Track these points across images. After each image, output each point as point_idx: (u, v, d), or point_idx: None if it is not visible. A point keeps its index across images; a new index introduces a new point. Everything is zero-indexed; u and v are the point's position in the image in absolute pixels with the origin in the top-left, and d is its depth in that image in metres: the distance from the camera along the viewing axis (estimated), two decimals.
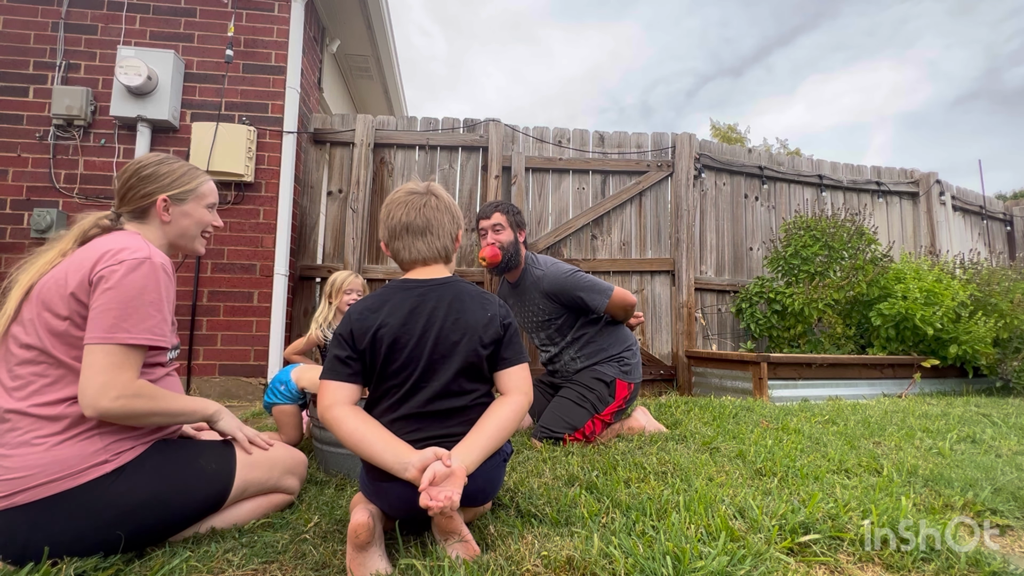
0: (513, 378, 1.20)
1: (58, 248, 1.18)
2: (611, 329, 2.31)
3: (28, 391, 1.06)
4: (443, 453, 1.03)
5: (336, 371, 1.14)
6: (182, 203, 1.31)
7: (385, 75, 5.56)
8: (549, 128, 4.07)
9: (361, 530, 0.99)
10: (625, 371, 2.23)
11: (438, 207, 1.25)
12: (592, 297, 2.18)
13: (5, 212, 3.28)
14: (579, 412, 2.10)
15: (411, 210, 1.22)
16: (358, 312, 1.17)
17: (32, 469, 1.01)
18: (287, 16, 3.59)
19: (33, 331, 1.08)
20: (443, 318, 1.16)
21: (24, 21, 3.39)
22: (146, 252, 1.13)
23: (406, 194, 1.25)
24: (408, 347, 1.14)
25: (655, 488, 1.45)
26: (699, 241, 4.20)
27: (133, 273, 1.09)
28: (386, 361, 1.14)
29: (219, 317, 3.39)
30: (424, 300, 1.17)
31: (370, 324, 1.14)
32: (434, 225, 1.23)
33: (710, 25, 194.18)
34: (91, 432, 1.07)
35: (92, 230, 1.23)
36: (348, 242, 3.68)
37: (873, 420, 2.51)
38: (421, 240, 1.22)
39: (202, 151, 3.29)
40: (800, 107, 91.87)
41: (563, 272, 2.24)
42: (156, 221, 1.29)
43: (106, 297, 1.07)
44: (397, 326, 1.14)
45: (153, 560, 1.07)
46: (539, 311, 2.30)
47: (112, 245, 1.13)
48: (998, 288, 3.86)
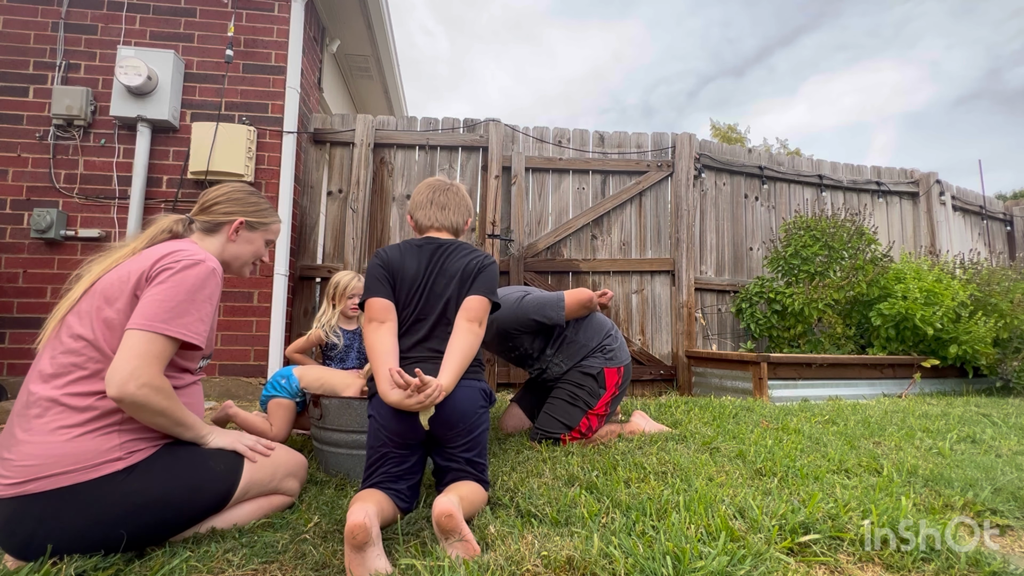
0: (466, 304, 1.42)
1: (131, 246, 1.27)
2: (585, 323, 2.29)
3: (65, 380, 1.09)
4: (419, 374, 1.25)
5: (377, 289, 1.44)
6: (253, 231, 1.46)
7: (385, 75, 5.56)
8: (549, 128, 4.08)
9: (358, 531, 1.00)
10: (609, 358, 2.21)
11: (458, 193, 1.62)
12: (547, 314, 2.15)
13: (5, 212, 3.28)
14: (572, 411, 2.10)
15: (438, 191, 1.59)
16: (385, 252, 1.50)
17: (49, 458, 1.03)
18: (287, 16, 3.59)
19: (88, 322, 1.13)
20: (441, 261, 1.48)
21: (24, 21, 3.39)
22: (202, 256, 1.23)
23: (436, 180, 1.63)
24: (416, 280, 1.45)
25: (655, 488, 1.45)
26: (699, 241, 4.20)
27: (187, 271, 1.18)
28: (399, 289, 1.45)
29: (219, 317, 3.39)
30: (429, 249, 1.50)
31: (393, 259, 1.47)
32: (452, 205, 1.59)
33: (712, 25, 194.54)
34: (111, 428, 1.10)
35: (163, 234, 1.33)
36: (348, 242, 3.68)
37: (873, 420, 2.51)
38: (440, 211, 1.57)
39: (202, 151, 3.29)
40: (802, 107, 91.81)
41: (511, 304, 2.20)
42: (222, 238, 1.41)
43: (157, 289, 1.14)
44: (412, 265, 1.47)
45: (153, 560, 1.08)
46: (508, 347, 2.28)
47: (174, 248, 1.23)
48: (998, 288, 3.86)
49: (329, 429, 1.74)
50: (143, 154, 3.32)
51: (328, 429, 1.75)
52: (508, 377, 3.78)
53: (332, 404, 1.75)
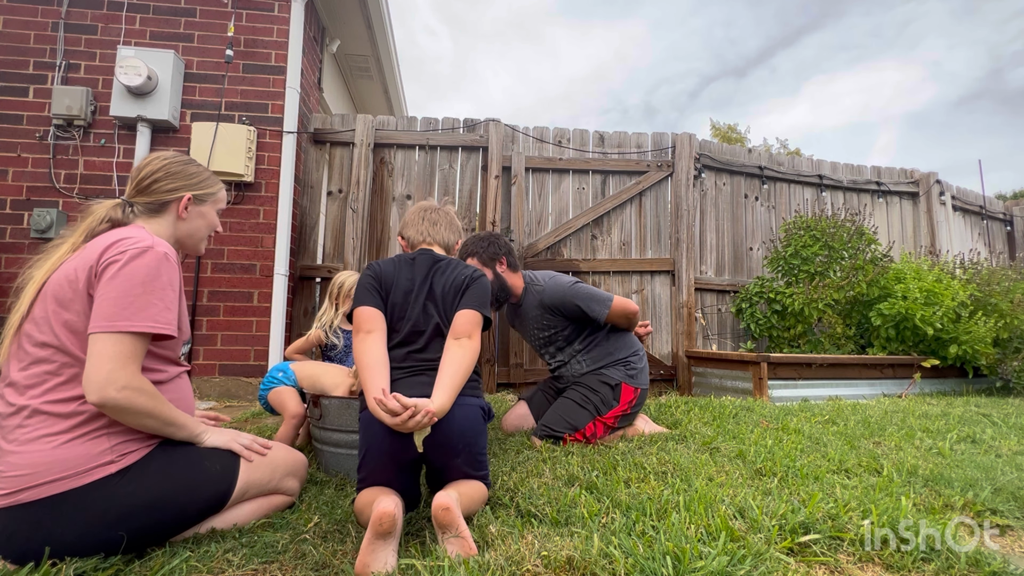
0: (457, 319, 1.39)
1: (70, 242, 1.19)
2: (618, 335, 2.33)
3: (42, 389, 1.06)
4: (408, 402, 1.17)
5: (366, 299, 1.41)
6: (202, 204, 1.36)
7: (385, 75, 5.56)
8: (549, 128, 4.08)
9: (386, 519, 1.00)
10: (631, 375, 2.23)
11: (449, 214, 1.65)
12: (591, 306, 2.20)
13: (5, 212, 3.28)
14: (581, 413, 2.10)
15: (429, 210, 1.63)
16: (377, 264, 1.49)
17: (38, 467, 1.01)
18: (287, 16, 3.59)
19: (48, 328, 1.08)
20: (436, 273, 1.48)
21: (24, 21, 3.39)
22: (149, 242, 1.14)
23: (426, 203, 1.66)
24: (411, 291, 1.45)
25: (655, 488, 1.45)
26: (699, 241, 4.20)
27: (135, 261, 1.10)
28: (393, 300, 1.43)
29: (219, 317, 3.39)
30: (423, 261, 1.51)
31: (386, 271, 1.47)
32: (443, 221, 1.62)
33: (715, 25, 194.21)
34: (99, 432, 1.07)
35: (102, 224, 1.23)
36: (348, 242, 3.68)
37: (873, 420, 2.51)
38: (432, 227, 1.59)
39: (202, 151, 3.29)
40: (804, 107, 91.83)
41: (563, 284, 2.26)
42: (171, 217, 1.31)
43: (109, 286, 1.07)
44: (406, 276, 1.47)
45: (153, 560, 1.07)
46: (543, 326, 2.31)
47: (118, 237, 1.14)
48: (998, 288, 3.86)
49: (329, 429, 1.74)
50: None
51: (328, 429, 1.75)
52: (508, 377, 3.78)
53: (332, 404, 1.75)
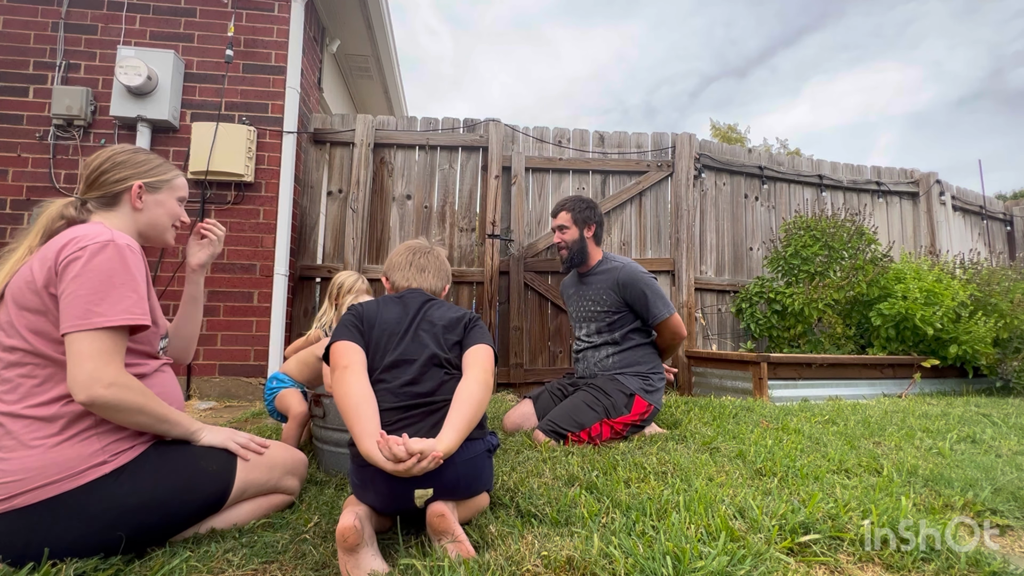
0: (472, 354, 1.29)
1: (26, 244, 1.16)
2: (650, 351, 2.36)
3: (19, 394, 1.05)
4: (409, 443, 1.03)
5: (343, 334, 1.29)
6: (156, 192, 1.30)
7: (385, 75, 5.56)
8: (549, 128, 4.07)
9: (348, 533, 1.00)
10: (647, 390, 2.23)
11: (438, 257, 1.54)
12: (656, 302, 2.25)
13: (5, 212, 3.28)
14: (589, 413, 2.10)
15: (417, 253, 1.51)
16: (360, 305, 1.39)
17: (30, 472, 1.00)
18: (287, 16, 3.59)
19: (15, 333, 1.06)
20: (427, 309, 1.38)
21: (24, 21, 3.39)
22: (108, 236, 1.11)
23: (415, 242, 1.55)
24: (400, 323, 1.34)
25: (655, 488, 1.45)
26: (699, 241, 4.20)
27: (97, 257, 1.07)
28: (377, 334, 1.31)
29: (219, 317, 3.39)
30: (412, 299, 1.41)
31: (368, 310, 1.36)
32: (432, 267, 1.51)
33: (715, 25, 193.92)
34: (89, 432, 1.07)
35: (57, 223, 1.20)
36: (348, 242, 3.68)
37: (873, 420, 2.51)
38: (419, 274, 1.49)
39: (202, 151, 3.29)
40: (805, 107, 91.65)
41: (641, 270, 2.32)
42: (127, 208, 1.26)
43: (76, 284, 1.04)
44: (394, 311, 1.37)
45: (153, 560, 1.07)
46: (600, 300, 2.35)
47: (74, 234, 1.11)
48: (998, 288, 3.86)
49: (330, 428, 1.74)
50: None
51: (329, 428, 1.75)
52: (508, 377, 3.78)
53: (333, 403, 1.74)
